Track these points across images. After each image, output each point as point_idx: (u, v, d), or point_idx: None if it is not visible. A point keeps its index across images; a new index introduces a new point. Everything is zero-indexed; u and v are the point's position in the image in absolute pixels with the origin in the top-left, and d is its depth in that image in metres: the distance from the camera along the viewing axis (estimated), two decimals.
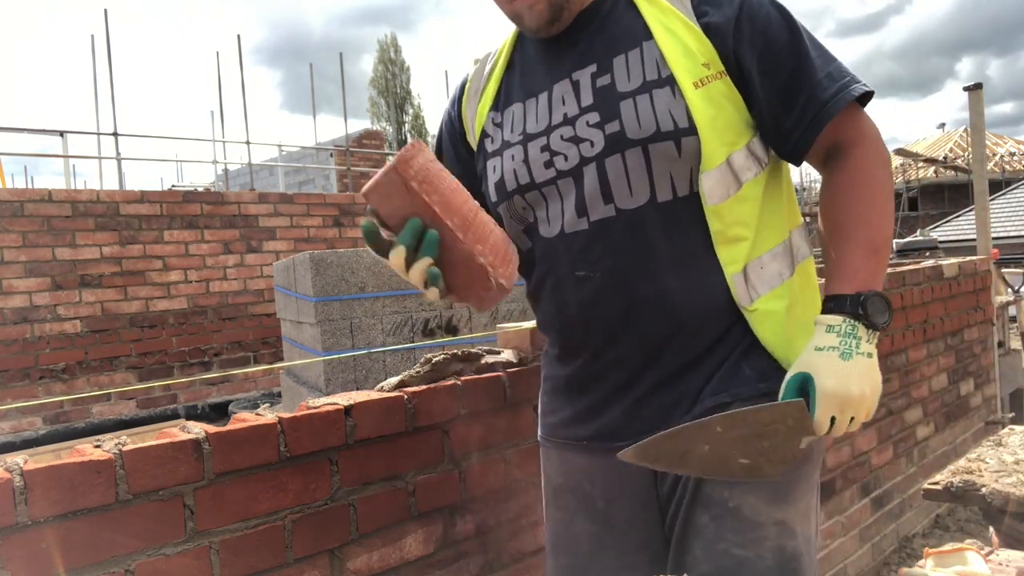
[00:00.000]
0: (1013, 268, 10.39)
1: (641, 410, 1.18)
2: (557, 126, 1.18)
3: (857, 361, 1.03)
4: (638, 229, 1.13)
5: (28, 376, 5.25)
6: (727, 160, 1.12)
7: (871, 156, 1.15)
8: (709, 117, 1.10)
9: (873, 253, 1.10)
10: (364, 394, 1.45)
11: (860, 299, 1.05)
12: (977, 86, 5.23)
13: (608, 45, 1.17)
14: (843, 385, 1.02)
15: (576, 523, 1.27)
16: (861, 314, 1.05)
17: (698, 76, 1.11)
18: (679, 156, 1.11)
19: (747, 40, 1.12)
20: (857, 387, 1.02)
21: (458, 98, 1.37)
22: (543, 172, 1.19)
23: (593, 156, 1.14)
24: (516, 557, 1.64)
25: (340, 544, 1.36)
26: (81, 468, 1.08)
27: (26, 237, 5.26)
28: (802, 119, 1.13)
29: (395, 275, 1.06)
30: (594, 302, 1.17)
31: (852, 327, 1.04)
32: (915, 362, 3.50)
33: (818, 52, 1.15)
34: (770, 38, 1.13)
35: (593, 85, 1.16)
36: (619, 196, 1.14)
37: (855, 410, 1.03)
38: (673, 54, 1.12)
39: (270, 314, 6.14)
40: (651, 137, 1.11)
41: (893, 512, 3.31)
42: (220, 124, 8.58)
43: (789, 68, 1.13)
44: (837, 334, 1.05)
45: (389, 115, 34.16)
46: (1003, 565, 1.86)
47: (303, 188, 16.11)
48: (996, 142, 25.72)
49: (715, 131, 1.11)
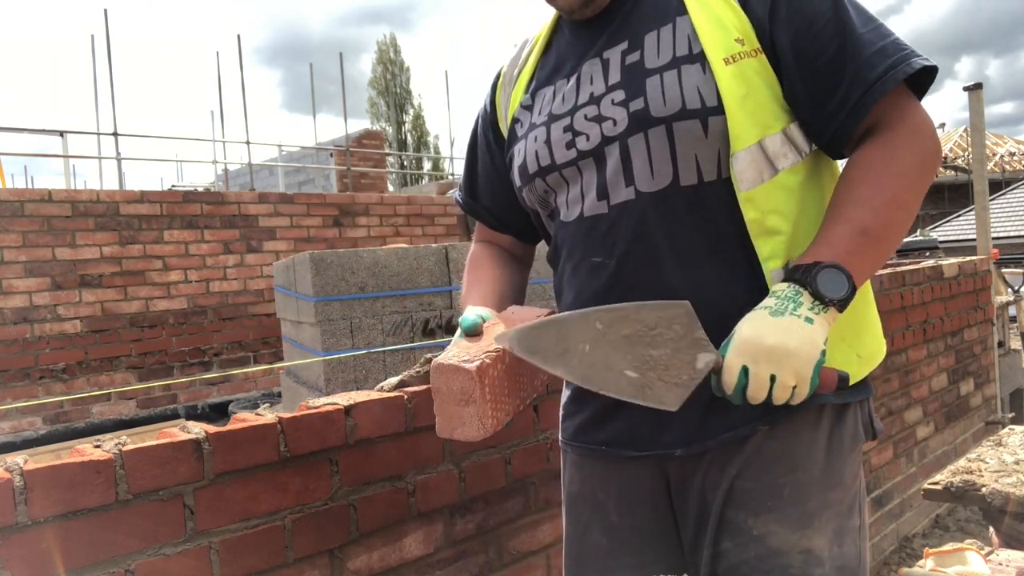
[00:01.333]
0: (1013, 268, 10.39)
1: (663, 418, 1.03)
2: (582, 106, 1.12)
3: (788, 319, 0.93)
4: (658, 214, 1.06)
5: (28, 376, 5.25)
6: (759, 142, 1.04)
7: (902, 141, 1.01)
8: (739, 96, 1.02)
9: (859, 234, 0.98)
10: (364, 394, 1.45)
11: (814, 268, 0.95)
12: (977, 86, 5.23)
13: (641, 22, 1.11)
14: (758, 333, 0.93)
15: (589, 536, 1.22)
16: (808, 282, 0.95)
17: (730, 52, 1.03)
18: (705, 137, 1.04)
19: (784, 18, 1.04)
20: (775, 338, 0.92)
21: (493, 85, 1.35)
22: (564, 153, 1.13)
23: (616, 135, 1.08)
24: (516, 557, 1.64)
25: (340, 544, 1.36)
26: (81, 468, 1.08)
27: (26, 237, 5.26)
28: (845, 102, 1.02)
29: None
30: (608, 290, 1.10)
31: (796, 292, 0.95)
32: (915, 362, 3.50)
33: (869, 26, 1.04)
34: (811, 15, 1.03)
35: (622, 63, 1.10)
36: (640, 178, 1.07)
37: (773, 365, 0.92)
38: (706, 29, 1.05)
39: (270, 314, 6.14)
40: (676, 115, 1.04)
41: (893, 512, 3.31)
42: (220, 124, 8.58)
43: (833, 47, 1.02)
44: (776, 297, 0.96)
45: (389, 115, 34.15)
46: (1003, 565, 1.86)
47: (303, 188, 16.12)
48: (996, 142, 25.71)
49: (745, 111, 1.03)
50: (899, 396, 3.36)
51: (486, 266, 1.35)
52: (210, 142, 16.52)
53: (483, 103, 1.37)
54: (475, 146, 1.38)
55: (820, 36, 1.03)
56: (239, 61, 8.18)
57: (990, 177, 18.92)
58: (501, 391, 1.03)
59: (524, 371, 1.09)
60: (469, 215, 1.41)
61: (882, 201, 0.99)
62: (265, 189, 12.17)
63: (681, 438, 1.09)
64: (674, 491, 1.14)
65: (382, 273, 3.64)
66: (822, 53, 1.03)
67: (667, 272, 1.07)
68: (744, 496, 1.06)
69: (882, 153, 1.01)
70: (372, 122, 33.52)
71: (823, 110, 1.04)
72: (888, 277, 3.30)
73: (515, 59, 1.31)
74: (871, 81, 1.00)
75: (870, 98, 1.00)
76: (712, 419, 1.08)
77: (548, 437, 1.71)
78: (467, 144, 1.41)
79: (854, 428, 1.12)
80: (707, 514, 1.09)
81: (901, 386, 3.37)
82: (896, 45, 1.02)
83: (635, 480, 1.16)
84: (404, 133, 33.32)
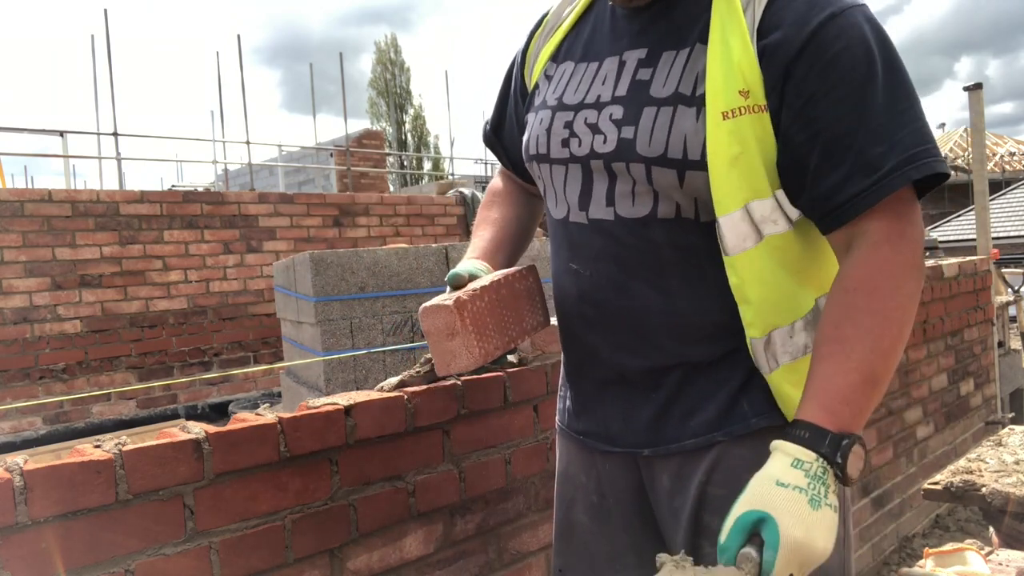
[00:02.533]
0: (1013, 268, 10.39)
1: (630, 419, 1.14)
2: (587, 106, 1.10)
3: (824, 513, 0.86)
4: (633, 239, 1.06)
5: (28, 376, 5.25)
6: (746, 207, 0.98)
7: (905, 263, 0.94)
8: (731, 156, 0.96)
9: (871, 385, 0.92)
10: (364, 394, 1.45)
11: (842, 442, 0.88)
12: (977, 86, 5.23)
13: (666, 33, 1.05)
14: (810, 539, 0.85)
15: (572, 514, 1.26)
16: (839, 462, 0.88)
17: (730, 105, 0.96)
18: (681, 187, 1.01)
19: (800, 78, 0.94)
20: (823, 543, 0.86)
21: (532, 30, 1.31)
22: (559, 149, 1.13)
23: (603, 154, 1.07)
24: (516, 557, 1.64)
25: (340, 544, 1.36)
26: (81, 468, 1.08)
27: (26, 237, 5.26)
28: (838, 191, 0.93)
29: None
30: (583, 299, 1.13)
31: (823, 471, 0.87)
32: (915, 362, 3.50)
33: (892, 108, 0.93)
34: (833, 82, 0.93)
35: (634, 74, 1.06)
36: (620, 203, 1.07)
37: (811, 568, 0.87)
38: (715, 71, 0.97)
39: (270, 314, 6.13)
40: (656, 159, 1.01)
41: (893, 512, 3.31)
42: (220, 124, 8.58)
43: (844, 123, 0.93)
44: (806, 474, 0.87)
45: (389, 115, 34.15)
46: (1003, 565, 1.86)
47: (303, 188, 16.12)
48: (996, 142, 25.72)
49: (736, 172, 0.97)
50: (899, 396, 3.36)
51: (497, 205, 1.39)
52: (210, 142, 16.51)
53: (523, 43, 1.34)
54: (507, 84, 1.36)
55: (833, 108, 0.93)
56: (239, 61, 8.18)
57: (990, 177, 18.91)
58: (484, 325, 1.12)
59: (508, 310, 1.17)
60: (488, 148, 1.44)
61: (890, 342, 0.93)
62: (265, 189, 12.16)
63: (646, 440, 1.12)
64: (647, 485, 1.16)
65: (382, 273, 3.64)
66: (828, 128, 0.94)
67: (635, 295, 1.08)
68: (718, 503, 1.04)
69: (886, 278, 0.93)
70: (372, 122, 33.51)
71: (814, 191, 0.96)
72: None
73: (559, 11, 1.26)
74: (873, 181, 0.91)
75: (869, 198, 0.92)
76: (673, 424, 1.10)
77: (548, 437, 1.71)
78: (503, 76, 1.38)
79: None
80: (677, 515, 1.11)
81: (901, 386, 3.37)
82: (914, 138, 0.92)
83: (613, 470, 1.19)
84: (404, 133, 33.32)
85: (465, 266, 1.21)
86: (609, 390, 1.16)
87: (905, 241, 0.94)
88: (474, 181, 16.85)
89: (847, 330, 0.93)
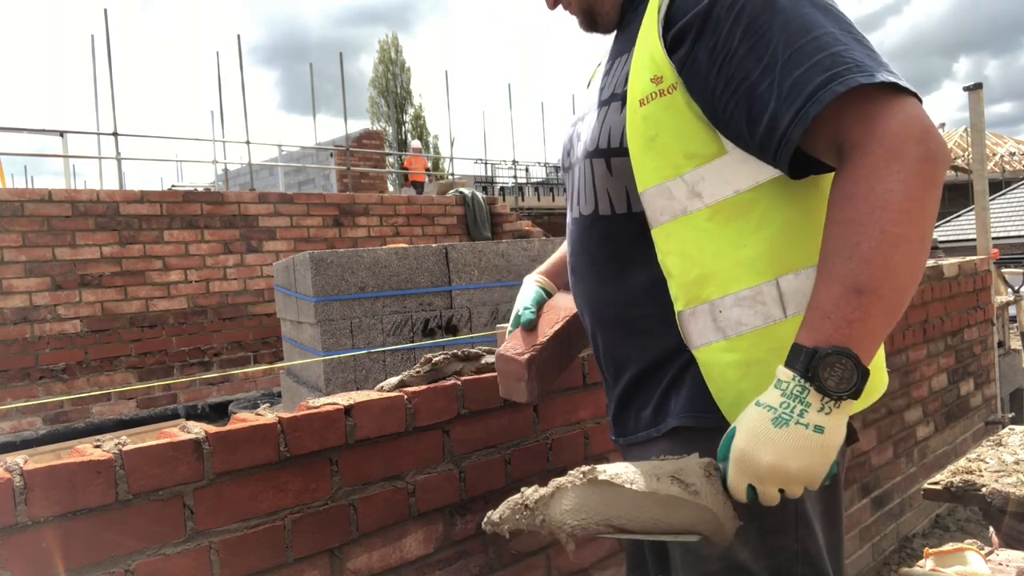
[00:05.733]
0: (1013, 268, 10.39)
1: (609, 410, 1.26)
2: (584, 116, 1.22)
3: (792, 431, 0.85)
4: (588, 235, 1.18)
5: (28, 376, 5.25)
6: (664, 183, 1.02)
7: (878, 163, 0.86)
8: (647, 138, 1.02)
9: (854, 294, 0.85)
10: (364, 394, 1.45)
11: (815, 356, 0.85)
12: (977, 86, 5.23)
13: (621, 45, 1.16)
14: (753, 451, 0.86)
15: None
16: (812, 376, 0.85)
17: (645, 92, 1.02)
18: (611, 175, 1.11)
19: (710, 46, 0.95)
20: (772, 458, 0.85)
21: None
22: (566, 158, 1.28)
23: (577, 158, 1.21)
24: (516, 557, 1.64)
25: (340, 544, 1.36)
26: (81, 468, 1.08)
27: (26, 237, 5.26)
28: (772, 131, 0.91)
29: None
30: (576, 294, 1.26)
31: (801, 389, 0.85)
32: (915, 362, 3.50)
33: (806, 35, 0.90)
34: (741, 34, 0.93)
35: (602, 83, 1.18)
36: (582, 201, 1.19)
37: (779, 483, 0.87)
38: (636, 66, 1.04)
39: (270, 314, 6.14)
40: (592, 152, 1.13)
41: (893, 512, 3.31)
42: (220, 124, 8.59)
43: (760, 69, 0.92)
44: (782, 393, 0.87)
45: (389, 115, 34.16)
46: (1003, 565, 1.86)
47: (303, 188, 16.12)
48: (996, 142, 25.71)
49: (652, 152, 1.02)
50: (899, 396, 3.36)
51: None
52: (210, 142, 16.51)
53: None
54: None
55: (749, 57, 0.92)
56: (239, 61, 8.18)
57: (990, 177, 18.91)
58: (545, 372, 1.32)
59: (564, 348, 1.36)
60: None
61: (870, 246, 0.85)
62: (265, 189, 12.16)
63: (615, 430, 1.23)
64: None
65: (382, 273, 3.64)
66: (751, 76, 0.92)
67: (590, 287, 1.19)
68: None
69: (858, 185, 0.87)
70: (372, 122, 33.54)
71: (754, 136, 0.94)
72: None
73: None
74: (800, 103, 0.88)
75: (800, 124, 0.88)
76: (632, 416, 1.18)
77: (548, 437, 1.71)
78: None
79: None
80: None
81: (901, 386, 3.37)
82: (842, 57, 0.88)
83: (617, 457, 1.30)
84: (404, 133, 33.34)
85: (535, 294, 1.39)
86: (606, 380, 1.27)
87: (876, 140, 0.86)
88: (474, 181, 16.87)
89: (827, 246, 0.89)
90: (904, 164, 0.85)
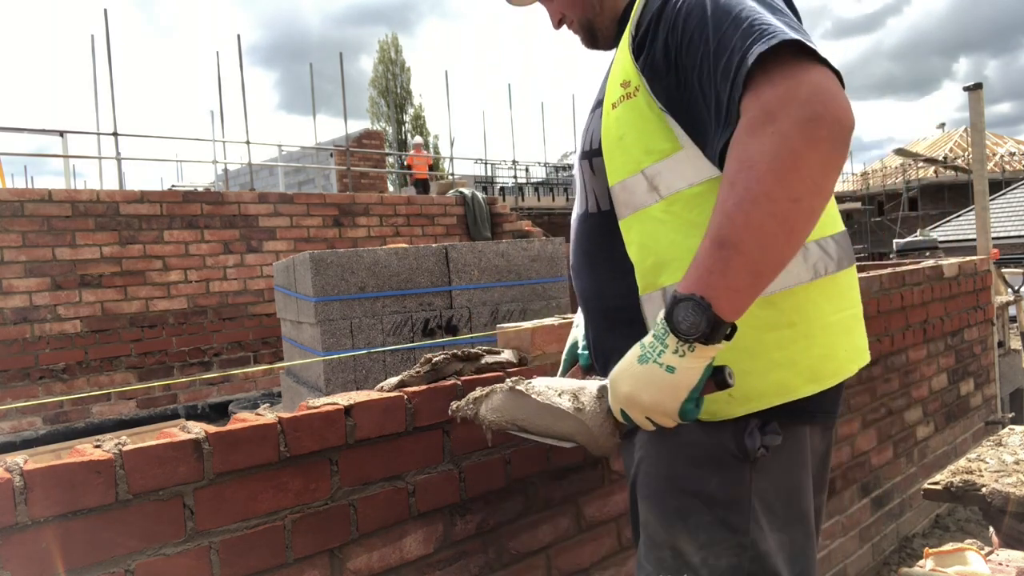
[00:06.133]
0: (1013, 268, 10.39)
1: None
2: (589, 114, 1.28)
3: (648, 368, 0.95)
4: (582, 232, 1.26)
5: (28, 376, 5.25)
6: (628, 178, 1.11)
7: (752, 124, 0.90)
8: (616, 138, 1.12)
9: (716, 247, 0.91)
10: (364, 394, 1.45)
11: (673, 300, 0.94)
12: (977, 86, 5.23)
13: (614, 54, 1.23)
14: (617, 381, 1.01)
15: None
16: (668, 318, 0.94)
17: (615, 96, 1.12)
18: (593, 174, 1.20)
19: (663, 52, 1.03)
20: (628, 388, 0.98)
21: None
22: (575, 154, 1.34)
23: (575, 160, 1.29)
24: (516, 557, 1.64)
25: (340, 544, 1.36)
26: (81, 468, 1.08)
27: (26, 237, 5.26)
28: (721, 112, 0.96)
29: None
30: (575, 288, 1.34)
31: (663, 331, 0.95)
32: (915, 362, 3.50)
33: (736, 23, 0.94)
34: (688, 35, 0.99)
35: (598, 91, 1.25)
36: (579, 201, 1.27)
37: (639, 411, 0.98)
38: (612, 74, 1.15)
39: (270, 314, 6.14)
40: (580, 155, 1.24)
41: (893, 512, 3.31)
42: (220, 124, 8.58)
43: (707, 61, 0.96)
44: (653, 335, 0.97)
45: (389, 115, 34.16)
46: (1003, 565, 1.86)
47: (303, 188, 16.11)
48: (996, 142, 25.73)
49: (620, 150, 1.11)
50: (899, 396, 3.36)
51: None
52: (210, 142, 16.51)
53: None
54: None
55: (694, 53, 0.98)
56: (239, 61, 8.18)
57: (990, 177, 18.91)
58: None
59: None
60: None
61: (733, 203, 0.89)
62: (265, 189, 12.16)
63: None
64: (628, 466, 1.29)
65: (382, 273, 3.64)
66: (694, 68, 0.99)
67: (581, 282, 1.28)
68: (641, 480, 1.18)
69: (735, 147, 0.92)
70: (372, 122, 33.53)
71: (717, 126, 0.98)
72: (888, 277, 3.30)
73: None
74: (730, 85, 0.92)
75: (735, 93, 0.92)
76: None
77: None
78: None
79: (732, 444, 1.07)
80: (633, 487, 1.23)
81: (901, 386, 3.37)
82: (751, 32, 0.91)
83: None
84: (404, 133, 33.32)
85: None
86: (597, 371, 1.31)
87: (757, 103, 0.89)
88: (474, 181, 16.87)
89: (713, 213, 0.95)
90: (780, 126, 0.87)
